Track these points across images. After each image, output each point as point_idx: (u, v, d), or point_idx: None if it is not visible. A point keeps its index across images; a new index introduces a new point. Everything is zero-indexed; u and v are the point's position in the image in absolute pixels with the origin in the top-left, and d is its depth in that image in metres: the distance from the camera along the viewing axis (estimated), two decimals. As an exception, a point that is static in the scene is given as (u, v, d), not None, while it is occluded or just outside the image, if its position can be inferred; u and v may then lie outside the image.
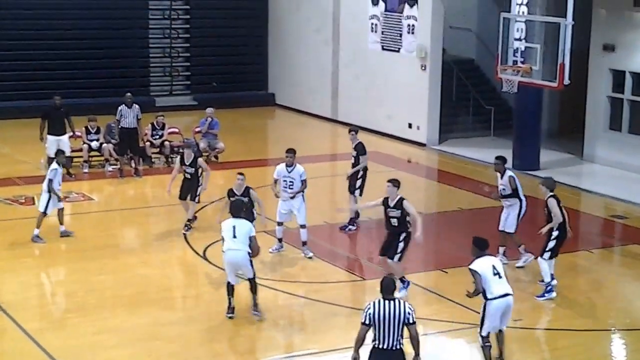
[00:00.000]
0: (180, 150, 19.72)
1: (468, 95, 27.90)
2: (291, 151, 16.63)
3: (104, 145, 22.63)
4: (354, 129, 18.83)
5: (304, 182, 16.54)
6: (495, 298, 12.15)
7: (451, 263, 16.86)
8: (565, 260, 16.98)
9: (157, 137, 23.50)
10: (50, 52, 29.55)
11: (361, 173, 18.38)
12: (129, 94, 22.64)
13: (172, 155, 23.54)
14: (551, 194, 15.21)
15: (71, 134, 22.28)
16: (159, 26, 31.45)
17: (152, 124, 23.57)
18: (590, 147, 24.49)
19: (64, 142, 21.73)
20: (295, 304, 14.83)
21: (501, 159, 16.62)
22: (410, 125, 26.70)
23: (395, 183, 14.69)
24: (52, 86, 27.30)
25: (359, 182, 18.38)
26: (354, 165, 18.45)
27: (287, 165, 16.53)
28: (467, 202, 20.73)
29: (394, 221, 14.61)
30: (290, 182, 16.49)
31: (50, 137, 21.77)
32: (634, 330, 14.25)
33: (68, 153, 21.75)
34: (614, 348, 13.96)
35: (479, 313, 14.16)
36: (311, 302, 14.78)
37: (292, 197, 16.46)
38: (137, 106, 22.44)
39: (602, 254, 17.84)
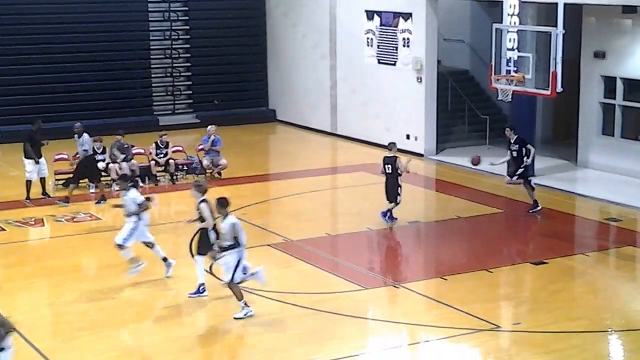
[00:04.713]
0: None
1: (463, 106, 28.20)
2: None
3: (110, 165, 22.99)
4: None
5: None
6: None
7: (451, 270, 17.14)
8: (561, 263, 17.38)
9: (162, 155, 23.92)
10: (55, 76, 30.05)
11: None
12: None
13: (176, 173, 23.96)
14: (202, 198, 15.36)
15: (32, 160, 21.92)
16: (160, 47, 31.88)
17: (156, 143, 23.96)
18: (584, 153, 24.79)
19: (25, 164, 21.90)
20: (299, 314, 15.08)
21: None
22: (408, 137, 27.02)
23: None
24: (58, 109, 27.82)
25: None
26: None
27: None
28: (464, 210, 21.02)
29: None
30: None
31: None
32: (630, 330, 14.43)
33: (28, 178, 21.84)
34: (611, 349, 14.09)
35: (480, 319, 14.55)
36: (314, 312, 14.99)
37: None
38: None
39: (597, 256, 18.06)
